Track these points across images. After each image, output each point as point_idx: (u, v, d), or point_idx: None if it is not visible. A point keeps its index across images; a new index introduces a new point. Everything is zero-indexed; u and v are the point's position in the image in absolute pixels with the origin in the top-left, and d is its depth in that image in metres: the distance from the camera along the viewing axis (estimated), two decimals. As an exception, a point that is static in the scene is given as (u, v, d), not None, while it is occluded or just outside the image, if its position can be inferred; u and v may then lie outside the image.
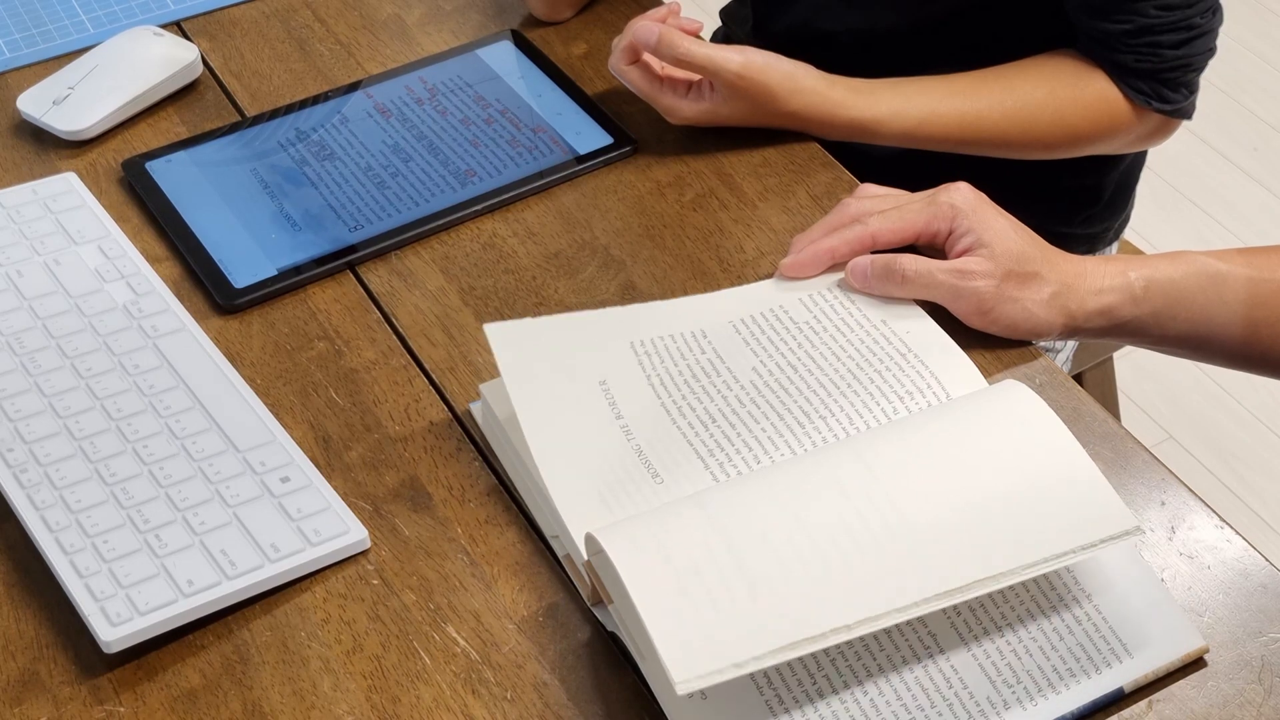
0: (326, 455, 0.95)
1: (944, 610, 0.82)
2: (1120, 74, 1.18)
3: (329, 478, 0.93)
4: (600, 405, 0.92)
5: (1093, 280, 0.98)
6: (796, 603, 0.77)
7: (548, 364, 0.93)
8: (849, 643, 0.81)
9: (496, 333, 0.94)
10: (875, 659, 0.81)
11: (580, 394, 0.93)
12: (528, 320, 0.96)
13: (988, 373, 0.97)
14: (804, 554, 0.78)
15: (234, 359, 1.01)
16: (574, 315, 0.98)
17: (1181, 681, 0.83)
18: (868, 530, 0.79)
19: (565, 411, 0.92)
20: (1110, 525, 0.81)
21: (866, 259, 0.99)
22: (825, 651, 0.81)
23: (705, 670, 0.75)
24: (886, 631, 0.81)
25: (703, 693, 0.79)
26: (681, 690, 0.74)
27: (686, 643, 0.75)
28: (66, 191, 1.11)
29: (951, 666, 0.81)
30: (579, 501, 0.87)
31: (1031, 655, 0.82)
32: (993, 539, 0.80)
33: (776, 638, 0.76)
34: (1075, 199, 1.35)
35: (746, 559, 0.78)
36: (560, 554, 0.89)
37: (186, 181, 1.13)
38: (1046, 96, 1.18)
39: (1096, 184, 1.35)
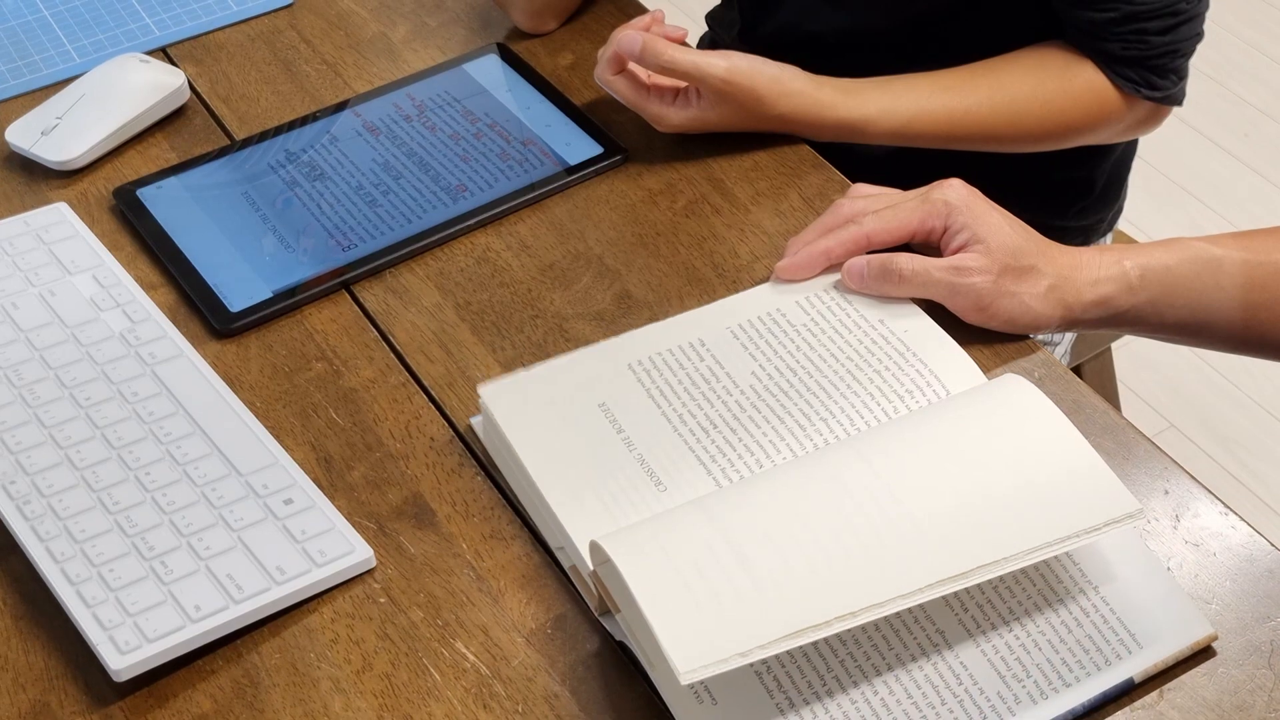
0: (329, 476, 0.95)
1: (951, 607, 0.83)
2: (1108, 62, 1.18)
3: (332, 498, 0.93)
4: (601, 424, 0.92)
5: (1089, 271, 0.98)
6: (800, 593, 0.77)
7: (545, 401, 0.93)
8: (858, 643, 0.81)
9: (490, 391, 0.94)
10: (884, 658, 0.81)
11: (580, 416, 0.93)
12: (520, 373, 0.96)
13: (986, 368, 0.97)
14: (807, 549, 0.78)
15: (232, 383, 1.01)
16: (567, 356, 0.97)
17: (1192, 670, 0.83)
18: (870, 525, 0.80)
19: (565, 432, 0.92)
20: (1113, 509, 0.81)
21: (862, 259, 0.99)
22: (835, 652, 0.81)
23: (709, 660, 0.74)
24: (895, 630, 0.82)
25: (713, 698, 0.79)
26: (685, 680, 0.74)
27: (690, 633, 0.75)
28: (58, 222, 1.11)
29: (961, 663, 0.81)
30: (583, 512, 0.87)
31: (1040, 649, 0.82)
32: (996, 525, 0.80)
33: (781, 626, 0.76)
34: (1068, 191, 1.35)
35: (750, 556, 0.78)
36: (566, 565, 0.89)
37: (178, 207, 1.13)
38: (1035, 88, 1.18)
39: (1089, 175, 1.35)
